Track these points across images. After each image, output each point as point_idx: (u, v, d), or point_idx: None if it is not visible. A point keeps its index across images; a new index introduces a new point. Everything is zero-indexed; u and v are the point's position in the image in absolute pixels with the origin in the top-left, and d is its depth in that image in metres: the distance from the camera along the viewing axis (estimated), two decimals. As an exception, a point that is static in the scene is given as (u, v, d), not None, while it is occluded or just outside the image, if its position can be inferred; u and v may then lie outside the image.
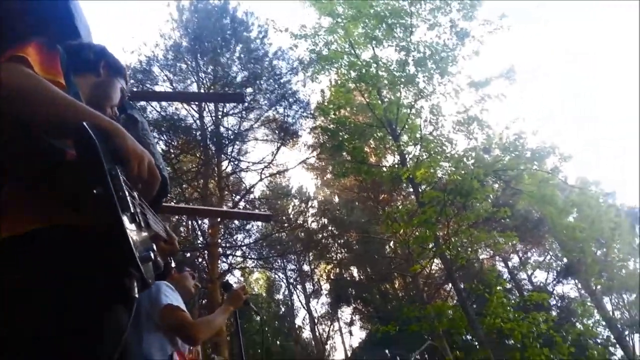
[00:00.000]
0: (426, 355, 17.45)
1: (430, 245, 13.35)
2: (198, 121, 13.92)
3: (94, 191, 0.90)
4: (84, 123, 0.93)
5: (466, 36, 12.24)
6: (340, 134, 14.00)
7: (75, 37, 1.39)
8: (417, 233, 13.49)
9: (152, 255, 0.98)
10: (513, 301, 12.84)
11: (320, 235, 18.36)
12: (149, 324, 2.19)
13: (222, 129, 14.16)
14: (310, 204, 19.68)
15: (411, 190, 15.20)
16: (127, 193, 0.97)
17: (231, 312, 2.51)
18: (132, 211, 0.97)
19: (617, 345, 16.55)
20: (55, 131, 1.01)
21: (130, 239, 0.91)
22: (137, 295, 0.98)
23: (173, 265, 2.67)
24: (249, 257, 16.37)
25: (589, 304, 16.08)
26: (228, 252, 14.95)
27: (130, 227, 0.94)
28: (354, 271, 20.51)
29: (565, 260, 17.38)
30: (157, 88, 13.09)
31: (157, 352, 2.13)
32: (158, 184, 1.12)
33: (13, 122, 0.98)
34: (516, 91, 13.48)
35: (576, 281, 18.66)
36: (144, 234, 1.04)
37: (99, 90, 1.35)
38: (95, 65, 1.38)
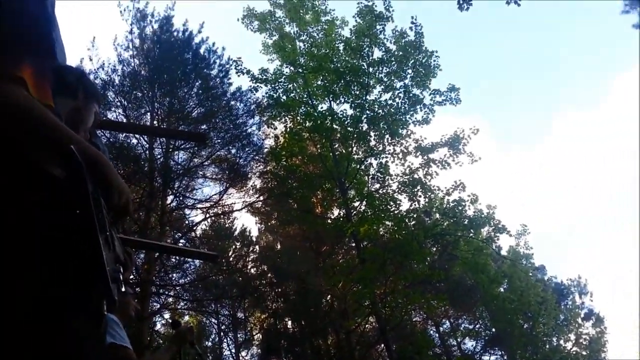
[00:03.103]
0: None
1: (367, 303, 13.39)
2: (147, 152, 13.64)
3: (77, 211, 0.96)
4: (72, 147, 1.01)
5: (418, 103, 12.96)
6: (290, 181, 14.13)
7: (54, 58, 1.44)
8: (355, 289, 13.52)
9: (120, 276, 1.08)
10: (442, 367, 12.92)
11: (259, 282, 17.92)
12: None
13: (171, 163, 13.92)
14: (251, 248, 19.33)
15: (353, 244, 15.34)
16: (105, 215, 1.05)
17: (174, 350, 2.47)
18: (108, 233, 1.05)
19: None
20: (46, 153, 1.05)
21: (105, 259, 0.98)
22: (105, 312, 1.05)
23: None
24: (183, 298, 15.66)
25: (513, 376, 16.42)
26: (161, 290, 14.24)
27: (104, 248, 1.01)
28: (289, 323, 19.99)
29: (493, 330, 17.77)
30: (110, 114, 12.81)
31: None
32: (128, 218, 1.20)
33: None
34: (460, 159, 14.42)
35: (502, 352, 19.02)
36: (112, 255, 1.11)
37: (76, 114, 1.39)
38: (75, 89, 1.44)
